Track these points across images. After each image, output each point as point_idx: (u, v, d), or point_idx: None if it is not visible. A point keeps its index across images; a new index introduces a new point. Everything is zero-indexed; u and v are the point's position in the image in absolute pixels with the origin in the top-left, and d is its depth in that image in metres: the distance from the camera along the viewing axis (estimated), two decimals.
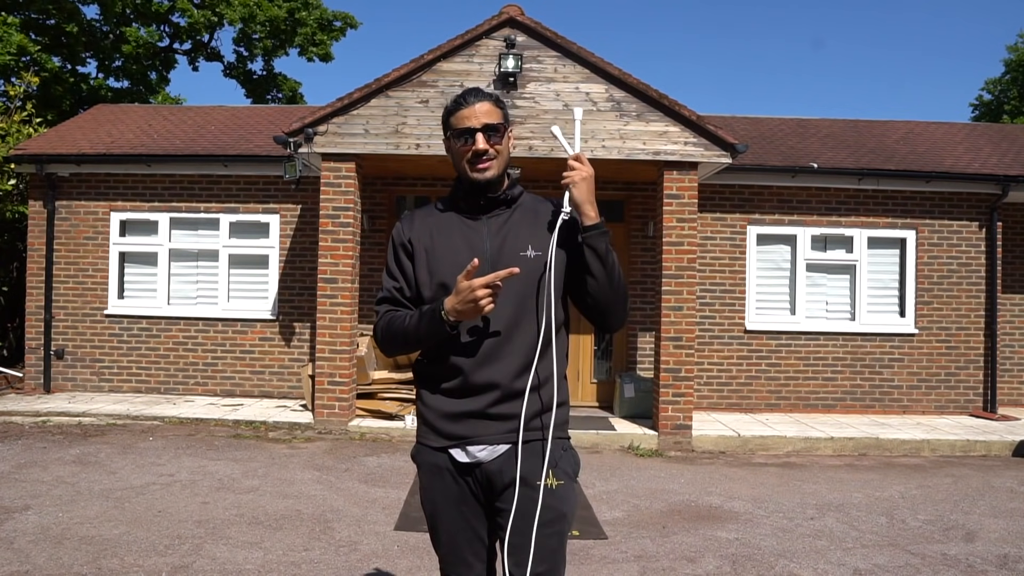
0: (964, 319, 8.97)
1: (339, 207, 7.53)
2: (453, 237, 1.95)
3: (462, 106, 1.93)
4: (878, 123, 11.13)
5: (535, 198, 2.05)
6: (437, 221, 2.00)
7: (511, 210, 1.99)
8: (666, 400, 7.37)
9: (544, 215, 1.98)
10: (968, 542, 4.53)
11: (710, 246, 8.90)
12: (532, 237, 1.94)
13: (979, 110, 24.27)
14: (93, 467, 5.80)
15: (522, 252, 1.90)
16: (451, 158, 1.99)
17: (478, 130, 1.90)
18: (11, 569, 3.67)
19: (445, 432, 1.91)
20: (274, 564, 3.86)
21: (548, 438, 1.89)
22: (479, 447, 1.89)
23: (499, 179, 1.96)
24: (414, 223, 2.02)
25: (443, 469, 1.92)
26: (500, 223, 1.96)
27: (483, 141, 1.90)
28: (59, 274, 9.11)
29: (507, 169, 1.99)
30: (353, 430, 7.39)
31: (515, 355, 1.88)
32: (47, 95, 15.02)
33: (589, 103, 7.37)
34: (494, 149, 1.92)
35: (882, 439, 7.33)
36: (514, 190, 2.01)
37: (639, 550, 4.23)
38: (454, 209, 2.01)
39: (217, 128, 10.12)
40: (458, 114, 1.93)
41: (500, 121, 1.94)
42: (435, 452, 1.93)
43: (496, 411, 1.87)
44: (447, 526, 1.93)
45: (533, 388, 1.87)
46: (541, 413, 1.90)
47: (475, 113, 1.91)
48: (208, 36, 19.40)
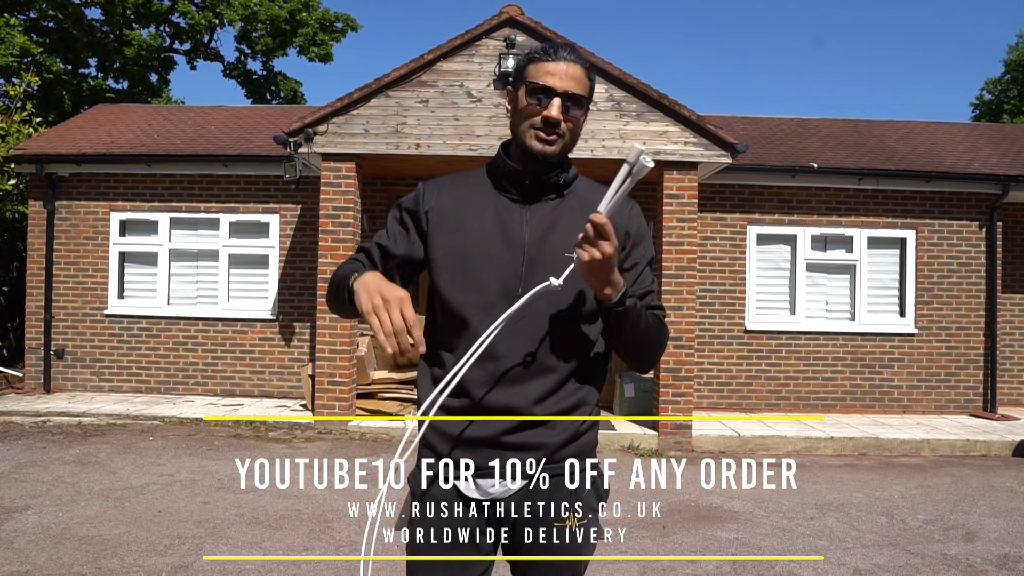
0: (964, 319, 8.97)
1: (339, 207, 7.53)
2: (485, 219, 1.64)
3: (549, 58, 1.60)
4: (878, 123, 11.13)
5: (590, 184, 1.72)
6: (470, 195, 1.67)
7: (563, 198, 1.66)
8: (666, 400, 7.37)
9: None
10: (968, 542, 4.53)
11: (710, 246, 8.90)
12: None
13: (979, 110, 24.28)
14: (93, 467, 5.80)
15: (567, 253, 1.53)
16: (511, 115, 1.66)
17: (558, 94, 1.58)
18: (11, 569, 3.67)
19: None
20: (274, 564, 3.86)
21: (575, 472, 1.62)
22: (490, 481, 1.61)
23: (559, 159, 1.63)
24: (442, 192, 1.69)
25: (442, 500, 1.64)
26: (546, 211, 1.64)
27: (559, 109, 1.57)
28: (59, 274, 9.11)
29: (568, 153, 1.66)
30: (353, 430, 7.39)
31: (541, 378, 1.59)
32: (48, 96, 15.03)
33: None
34: (568, 125, 1.60)
35: (882, 439, 7.33)
36: (568, 172, 1.68)
37: (639, 550, 4.24)
38: (494, 183, 1.68)
39: (217, 128, 10.12)
40: (542, 65, 1.59)
41: (585, 94, 1.62)
42: (436, 480, 1.66)
43: (513, 440, 1.59)
44: (431, 563, 1.67)
45: (563, 411, 1.61)
46: (567, 443, 1.62)
47: (562, 72, 1.58)
48: (208, 36, 19.40)
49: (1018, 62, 22.61)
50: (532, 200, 1.65)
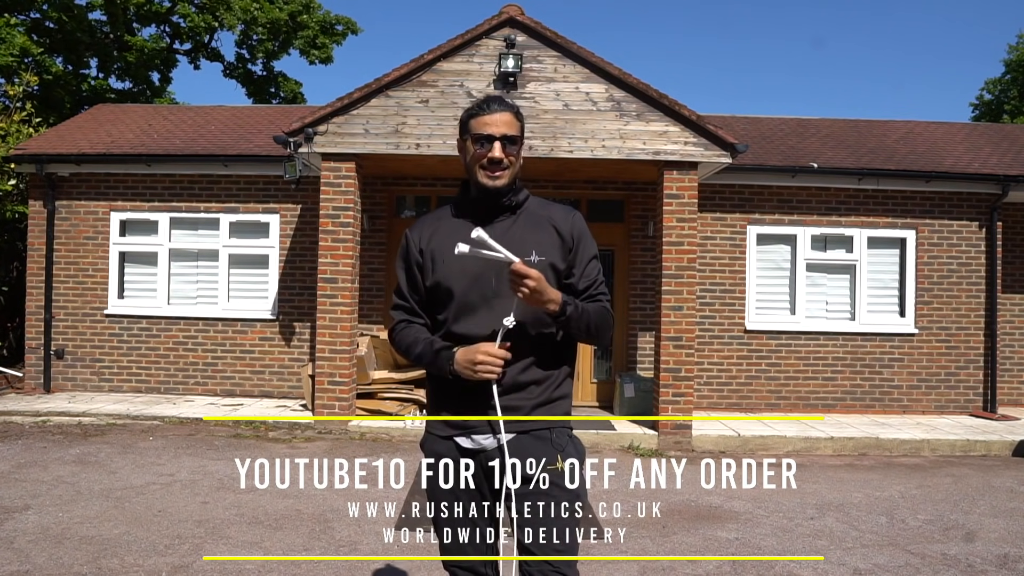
0: (964, 319, 8.97)
1: (339, 207, 7.53)
2: (457, 242, 1.99)
3: (484, 112, 2.01)
4: (878, 123, 11.13)
5: (541, 202, 2.12)
6: (446, 227, 2.07)
7: (516, 216, 2.06)
8: (666, 400, 7.37)
9: (549, 220, 2.06)
10: (968, 542, 4.53)
11: (710, 246, 8.90)
12: (537, 243, 2.01)
13: (979, 110, 24.28)
14: (93, 467, 5.80)
15: (526, 258, 1.94)
16: (464, 160, 2.06)
17: (497, 138, 1.98)
18: (11, 569, 3.68)
19: (451, 422, 2.01)
20: (274, 564, 3.86)
21: (550, 427, 1.99)
22: (484, 435, 1.97)
23: (508, 188, 2.02)
24: (423, 232, 2.09)
25: (447, 456, 2.00)
26: (505, 228, 2.02)
27: (500, 150, 1.98)
28: (59, 274, 9.11)
29: (517, 179, 2.06)
30: (353, 430, 7.39)
31: (520, 352, 1.96)
32: (48, 97, 15.02)
33: (589, 103, 7.36)
34: (509, 159, 2.00)
35: (882, 439, 7.33)
36: (519, 195, 2.07)
37: (639, 550, 4.24)
38: (462, 214, 2.08)
39: (217, 128, 10.12)
40: (479, 119, 2.01)
41: (517, 133, 2.02)
42: (441, 440, 2.02)
43: (501, 402, 1.94)
44: (449, 511, 2.00)
45: (537, 382, 1.99)
46: (545, 404, 2.00)
47: (496, 121, 1.99)
48: (208, 37, 19.40)
49: (1018, 62, 22.61)
50: (490, 220, 2.02)
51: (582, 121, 7.35)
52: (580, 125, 7.34)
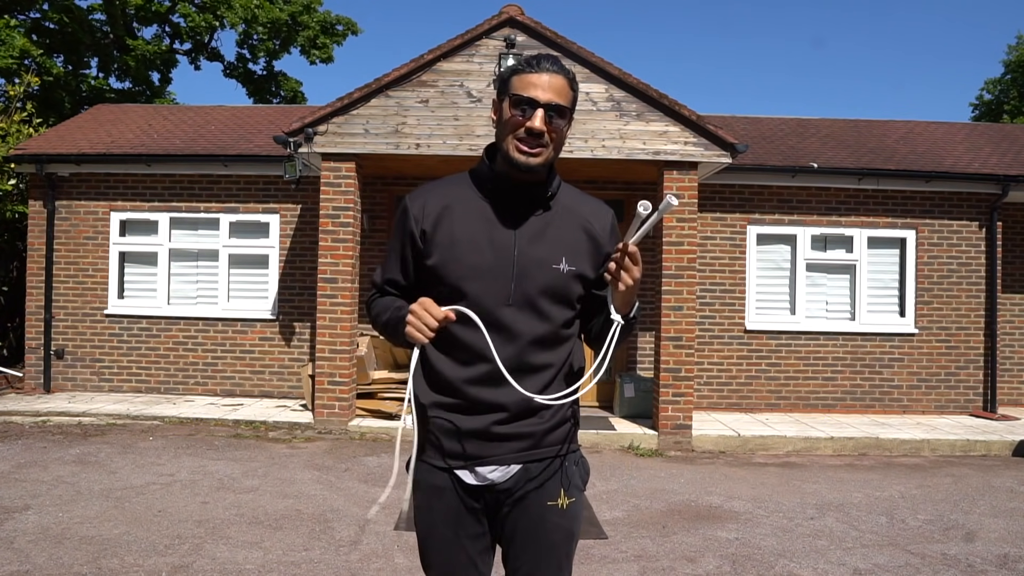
0: (964, 319, 8.97)
1: (339, 207, 7.53)
2: (476, 231, 1.68)
3: (532, 69, 1.63)
4: (878, 123, 11.13)
5: (573, 194, 1.79)
6: (460, 210, 1.70)
7: (550, 211, 1.72)
8: (666, 400, 7.37)
9: (582, 222, 1.75)
10: (968, 542, 4.53)
11: (710, 246, 8.90)
12: (568, 249, 1.70)
13: (979, 110, 24.29)
14: (93, 467, 5.80)
15: (555, 264, 1.66)
16: (496, 126, 1.70)
17: (541, 105, 1.61)
18: (11, 569, 3.67)
19: (450, 451, 1.71)
20: (274, 564, 3.86)
21: (563, 454, 1.75)
22: (489, 468, 1.70)
23: (543, 168, 1.67)
24: (427, 207, 1.71)
25: (444, 490, 1.72)
26: (539, 229, 1.70)
27: (542, 120, 1.61)
28: (59, 274, 9.11)
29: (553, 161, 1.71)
30: (353, 430, 7.39)
31: (528, 377, 1.67)
32: (48, 98, 15.02)
33: (589, 103, 7.36)
34: (551, 136, 1.65)
35: (882, 439, 7.33)
36: (553, 184, 1.74)
37: (639, 550, 4.23)
38: (482, 191, 1.71)
39: (217, 128, 10.12)
40: (525, 76, 1.63)
41: (568, 105, 1.66)
42: (437, 472, 1.73)
43: (504, 431, 1.68)
44: (442, 548, 1.75)
45: (545, 407, 1.70)
46: (553, 430, 1.72)
47: (544, 84, 1.62)
48: (208, 37, 19.40)
49: (1018, 62, 22.62)
50: (519, 211, 1.70)
51: (582, 121, 7.34)
52: (580, 125, 7.34)
